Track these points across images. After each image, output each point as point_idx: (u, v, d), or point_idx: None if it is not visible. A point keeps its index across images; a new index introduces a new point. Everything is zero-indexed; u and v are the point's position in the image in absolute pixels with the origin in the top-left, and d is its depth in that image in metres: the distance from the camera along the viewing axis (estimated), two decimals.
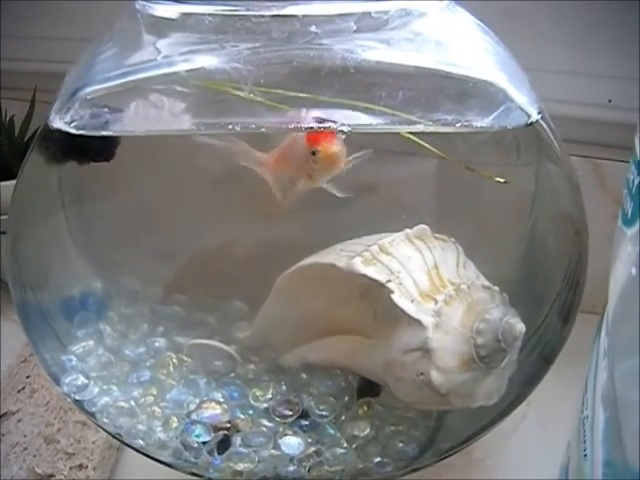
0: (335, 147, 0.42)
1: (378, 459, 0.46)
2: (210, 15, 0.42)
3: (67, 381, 0.49)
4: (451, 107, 0.42)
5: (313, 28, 0.41)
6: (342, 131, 0.41)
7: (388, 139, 0.44)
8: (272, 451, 0.46)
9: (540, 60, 0.57)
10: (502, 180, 0.45)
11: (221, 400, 0.48)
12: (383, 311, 0.44)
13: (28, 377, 0.64)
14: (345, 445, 0.46)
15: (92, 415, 0.49)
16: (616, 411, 0.30)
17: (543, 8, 0.66)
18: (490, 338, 0.41)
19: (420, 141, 0.43)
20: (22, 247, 0.49)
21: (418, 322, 0.41)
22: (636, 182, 0.31)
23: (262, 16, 0.41)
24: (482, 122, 0.43)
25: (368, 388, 0.48)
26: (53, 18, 0.84)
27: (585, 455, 0.34)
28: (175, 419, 0.47)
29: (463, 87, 0.43)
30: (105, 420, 0.48)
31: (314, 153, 0.42)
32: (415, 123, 0.41)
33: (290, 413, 0.47)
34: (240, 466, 0.46)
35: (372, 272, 0.42)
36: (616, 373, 0.31)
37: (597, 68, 0.67)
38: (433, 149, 0.43)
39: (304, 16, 0.41)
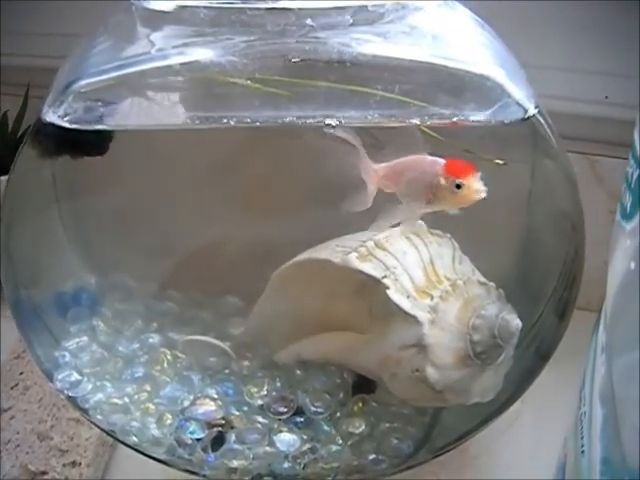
0: (479, 184, 0.42)
1: (373, 456, 0.46)
2: (205, 8, 0.42)
3: (60, 377, 0.49)
4: (448, 101, 0.42)
5: (309, 21, 0.41)
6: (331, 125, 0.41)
7: (383, 133, 0.44)
8: (267, 448, 0.46)
9: (537, 56, 0.57)
10: (501, 162, 0.45)
11: (215, 397, 0.48)
12: (378, 307, 0.44)
13: (21, 374, 0.63)
14: (340, 442, 0.46)
15: (85, 412, 0.48)
16: (614, 407, 0.30)
17: (540, 4, 0.66)
18: (486, 334, 0.41)
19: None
20: (15, 242, 0.48)
21: (414, 318, 0.41)
22: (635, 176, 0.31)
23: (257, 9, 0.41)
24: (479, 116, 0.42)
25: (363, 385, 0.47)
26: (47, 14, 0.84)
27: (582, 451, 0.34)
28: (169, 416, 0.47)
29: (460, 81, 0.43)
30: (98, 417, 0.48)
31: (458, 186, 0.42)
32: (411, 117, 0.41)
33: (285, 410, 0.46)
34: (234, 463, 0.46)
35: (368, 268, 0.42)
36: (614, 369, 0.30)
37: (594, 65, 0.67)
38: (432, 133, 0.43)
39: (300, 9, 0.41)
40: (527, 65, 0.47)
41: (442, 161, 0.42)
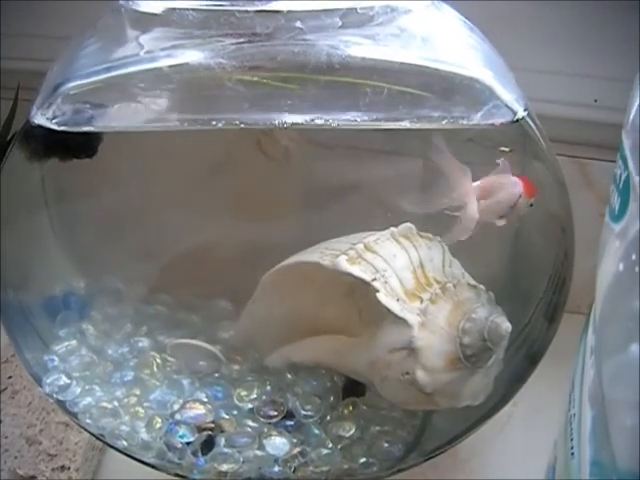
0: None
1: (363, 459, 0.46)
2: (194, 10, 0.42)
3: (49, 381, 0.48)
4: (437, 104, 0.42)
5: (298, 24, 0.41)
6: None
7: (373, 136, 0.44)
8: (257, 452, 0.46)
9: (526, 60, 0.57)
10: (507, 149, 0.45)
11: (205, 400, 0.47)
12: (368, 310, 0.44)
13: (10, 378, 0.63)
14: (330, 445, 0.46)
15: (74, 416, 0.48)
16: (603, 409, 0.30)
17: (529, 8, 0.66)
18: (476, 337, 0.40)
19: None
20: (3, 245, 0.48)
21: (403, 321, 0.41)
22: (623, 177, 0.31)
23: (246, 11, 0.41)
24: (468, 119, 0.42)
25: (353, 388, 0.47)
26: (37, 16, 0.83)
27: (572, 453, 0.34)
28: (159, 419, 0.47)
29: (449, 84, 0.43)
30: (88, 421, 0.48)
31: (531, 205, 0.44)
32: (401, 120, 0.41)
33: (275, 413, 0.46)
34: (224, 467, 0.46)
35: (357, 271, 0.42)
36: (603, 371, 0.30)
37: (583, 68, 0.67)
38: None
39: (289, 11, 0.41)
40: (516, 68, 0.47)
41: (520, 182, 0.44)
